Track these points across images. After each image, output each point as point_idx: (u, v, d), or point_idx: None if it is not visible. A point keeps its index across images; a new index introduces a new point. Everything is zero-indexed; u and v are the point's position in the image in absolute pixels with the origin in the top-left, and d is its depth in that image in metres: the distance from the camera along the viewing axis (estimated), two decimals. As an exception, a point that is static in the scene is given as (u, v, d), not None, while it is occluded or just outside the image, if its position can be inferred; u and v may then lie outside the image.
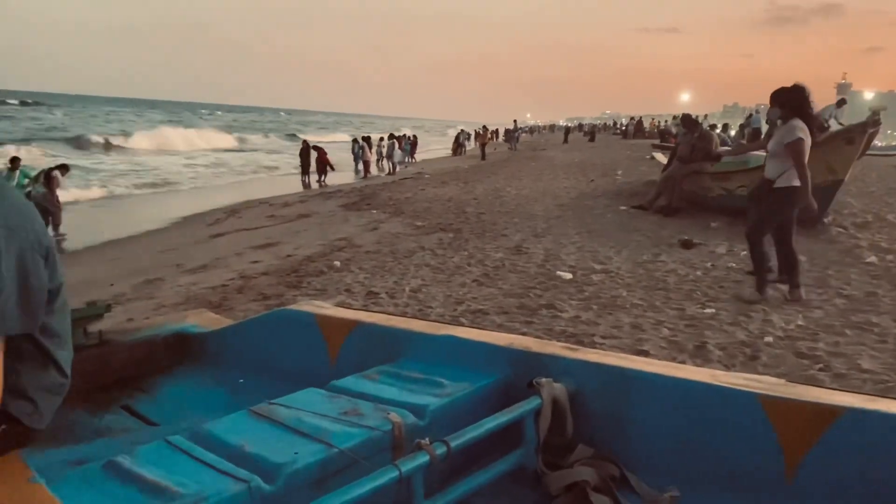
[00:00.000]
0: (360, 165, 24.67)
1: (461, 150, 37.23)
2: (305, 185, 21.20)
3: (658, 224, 9.18)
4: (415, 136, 35.20)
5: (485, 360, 2.35)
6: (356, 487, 1.53)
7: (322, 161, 21.84)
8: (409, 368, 2.40)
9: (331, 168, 21.94)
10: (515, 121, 45.46)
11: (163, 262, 8.50)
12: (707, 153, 9.55)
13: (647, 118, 55.93)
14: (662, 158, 13.10)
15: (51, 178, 11.73)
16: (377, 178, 22.48)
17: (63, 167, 12.49)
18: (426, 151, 38.43)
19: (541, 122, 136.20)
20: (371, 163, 25.17)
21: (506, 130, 45.77)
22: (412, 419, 1.99)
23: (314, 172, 21.80)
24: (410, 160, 30.71)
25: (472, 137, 41.71)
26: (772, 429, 1.83)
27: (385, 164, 26.44)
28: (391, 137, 28.08)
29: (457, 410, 2.11)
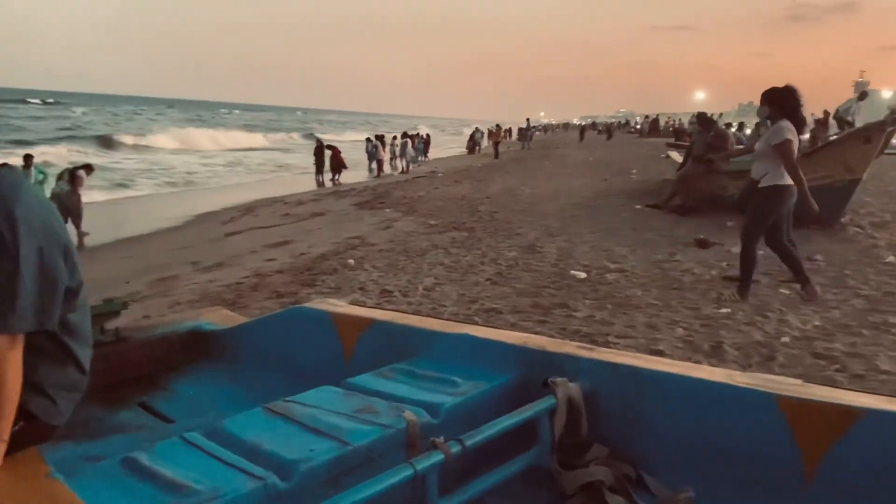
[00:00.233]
0: (374, 164, 24.70)
1: (476, 149, 37.19)
2: (319, 184, 21.25)
3: (673, 223, 9.12)
4: (428, 135, 35.17)
5: (499, 359, 2.35)
6: (371, 485, 1.54)
7: (336, 160, 21.91)
8: (424, 367, 2.40)
9: (344, 167, 22.00)
10: (528, 119, 45.22)
11: (178, 260, 8.56)
12: (723, 151, 9.48)
13: (663, 117, 55.61)
14: (677, 157, 13.02)
15: (75, 178, 11.87)
16: (390, 177, 22.51)
17: (88, 167, 12.66)
18: (441, 150, 38.44)
19: (554, 121, 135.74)
20: (384, 161, 25.20)
21: (519, 129, 45.60)
22: (427, 417, 1.99)
23: (328, 171, 21.89)
24: (423, 159, 30.70)
25: (486, 136, 41.63)
26: (790, 430, 1.82)
27: (398, 163, 26.46)
28: (404, 136, 28.09)
29: (471, 409, 2.11)
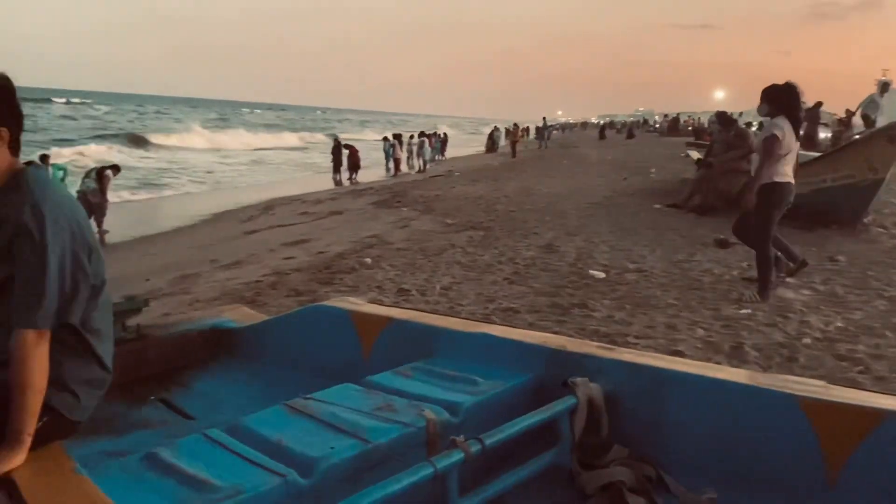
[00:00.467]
0: (391, 163, 24.75)
1: (495, 148, 37.15)
2: (337, 183, 21.33)
3: (693, 223, 9.05)
4: (445, 134, 35.18)
5: (518, 359, 2.35)
6: (392, 483, 1.54)
7: (353, 159, 22.01)
8: (443, 365, 2.40)
9: (359, 166, 22.10)
10: (545, 118, 45.05)
11: (198, 258, 8.62)
12: (743, 151, 9.39)
13: (683, 116, 55.16)
14: (695, 154, 12.92)
15: (103, 177, 12.07)
16: (407, 176, 22.53)
17: (115, 167, 12.87)
18: (459, 149, 38.42)
19: (572, 119, 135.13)
20: (402, 160, 25.24)
21: (537, 128, 45.48)
22: (446, 416, 1.99)
23: (346, 170, 21.97)
24: (441, 158, 30.70)
25: (503, 135, 41.61)
26: (813, 432, 1.80)
27: (415, 162, 26.49)
28: (421, 135, 28.11)
29: (490, 408, 2.10)
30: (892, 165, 7.78)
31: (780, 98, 5.13)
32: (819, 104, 18.26)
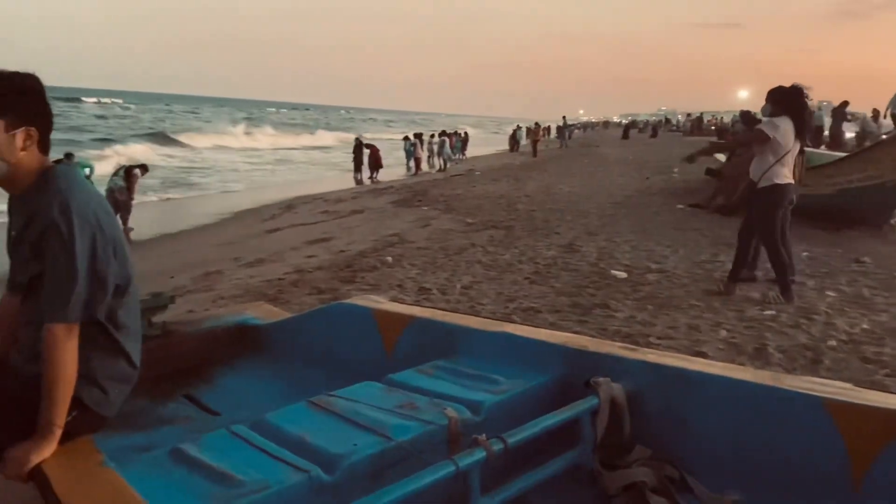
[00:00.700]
0: (412, 162, 24.80)
1: (517, 147, 37.07)
2: (358, 182, 21.42)
3: (716, 223, 8.97)
4: (466, 133, 35.17)
5: (540, 358, 2.34)
6: (415, 480, 1.55)
7: (374, 158, 22.08)
8: (465, 364, 2.40)
9: (380, 165, 22.16)
10: (564, 117, 45.08)
11: (221, 256, 8.70)
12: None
13: (706, 115, 54.68)
14: (721, 157, 12.80)
15: (131, 175, 12.24)
16: (428, 175, 22.55)
17: (143, 167, 13.06)
18: (480, 148, 38.38)
19: (594, 119, 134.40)
20: (422, 160, 25.27)
21: (558, 127, 45.40)
22: (468, 415, 2.00)
23: (367, 169, 22.06)
24: (461, 157, 30.69)
25: (525, 134, 41.57)
26: (838, 434, 1.78)
27: (436, 161, 26.50)
28: (442, 134, 28.13)
29: (512, 408, 2.11)
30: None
31: (784, 99, 5.15)
32: (845, 103, 18.02)
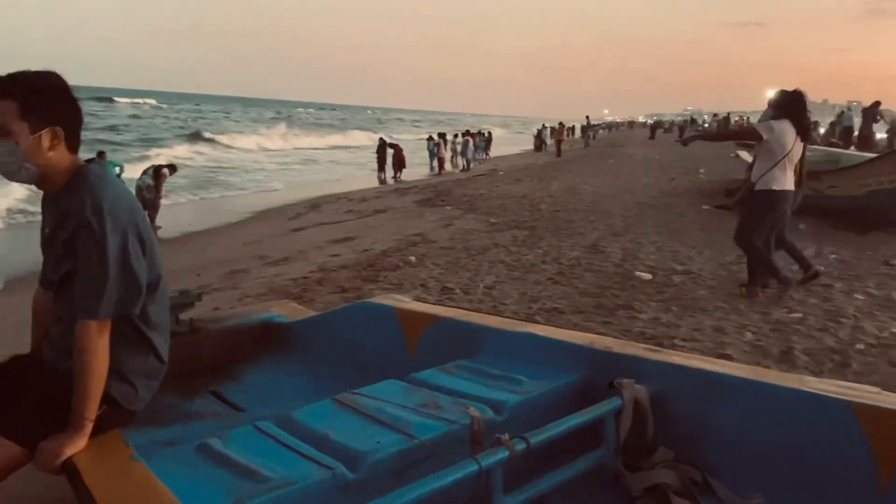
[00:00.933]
0: (435, 162, 24.84)
1: (543, 147, 36.96)
2: (381, 181, 21.50)
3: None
4: (489, 133, 35.14)
5: (564, 359, 2.34)
6: (438, 479, 1.56)
7: (398, 157, 22.16)
8: (488, 364, 2.41)
9: (403, 165, 22.21)
10: (588, 117, 45.07)
11: (247, 254, 8.79)
12: None
13: (733, 115, 54.10)
14: (747, 157, 12.65)
15: (160, 175, 12.44)
16: (451, 175, 22.56)
17: (171, 166, 13.30)
18: (505, 147, 38.30)
19: (619, 119, 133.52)
20: (445, 159, 25.29)
21: (582, 127, 45.31)
22: (491, 414, 2.00)
23: (390, 168, 22.14)
24: (485, 156, 30.67)
25: (549, 134, 41.51)
26: (866, 438, 1.76)
27: (459, 161, 26.50)
28: (466, 134, 28.12)
29: (535, 408, 2.11)
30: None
31: (786, 103, 5.20)
32: (877, 103, 17.69)
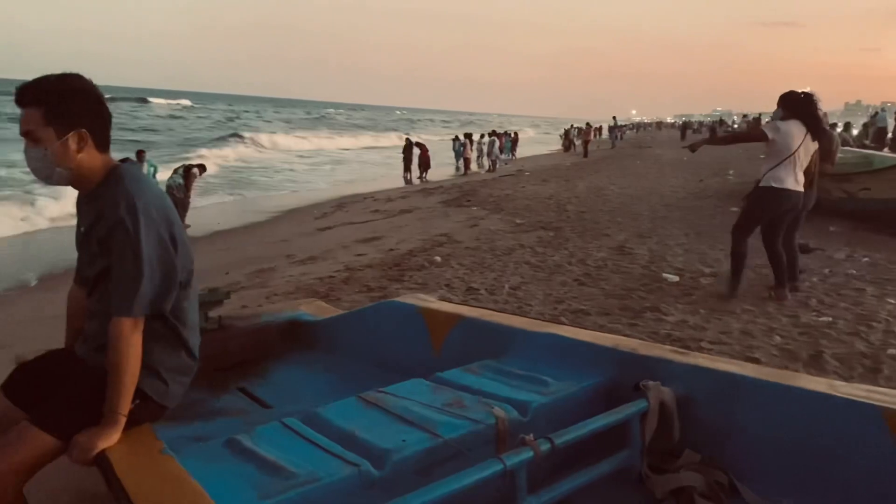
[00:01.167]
0: (461, 162, 24.84)
1: (571, 147, 36.81)
2: (407, 181, 21.55)
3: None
4: (515, 133, 35.06)
5: (589, 361, 2.34)
6: (462, 477, 1.57)
7: (424, 158, 22.20)
8: (512, 365, 2.41)
9: (428, 166, 22.24)
10: (615, 117, 44.95)
11: (274, 253, 8.88)
12: (827, 154, 9.02)
13: (766, 116, 53.39)
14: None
15: (190, 174, 12.65)
16: (477, 175, 22.54)
17: (201, 166, 13.53)
18: (532, 148, 38.19)
19: (647, 119, 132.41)
20: (471, 160, 25.27)
21: (610, 128, 45.18)
22: (515, 415, 2.01)
23: (416, 168, 22.19)
24: (511, 157, 30.60)
25: (577, 134, 41.38)
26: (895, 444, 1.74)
27: (485, 161, 26.48)
28: (492, 134, 28.08)
29: (560, 409, 2.11)
30: None
31: (795, 104, 5.24)
32: (913, 103, 17.34)
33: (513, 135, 33.52)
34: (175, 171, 12.85)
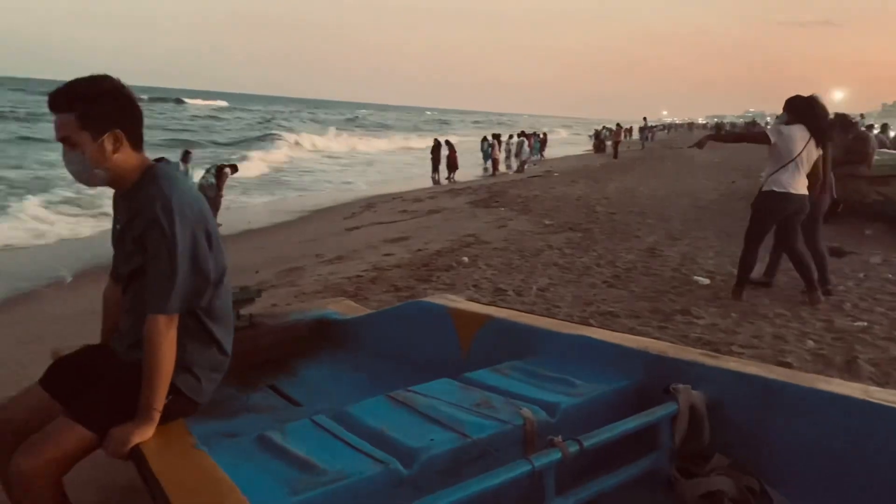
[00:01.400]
0: (489, 163, 24.81)
1: (603, 148, 36.60)
2: (435, 182, 21.58)
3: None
4: (545, 134, 34.94)
5: (618, 363, 2.32)
6: (491, 477, 1.57)
7: (452, 158, 22.21)
8: (541, 366, 2.41)
9: (455, 166, 22.24)
10: (645, 118, 44.80)
11: (303, 252, 8.95)
12: (863, 156, 8.85)
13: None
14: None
15: (222, 174, 12.83)
16: (505, 176, 22.49)
17: (233, 167, 13.72)
18: (562, 148, 38.00)
19: (678, 120, 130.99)
20: (499, 160, 25.23)
21: (640, 128, 44.93)
22: (544, 416, 2.00)
23: (444, 169, 22.22)
24: (540, 158, 30.51)
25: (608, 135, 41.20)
26: None
27: (513, 162, 26.41)
28: (521, 135, 28.02)
29: (588, 411, 2.10)
30: None
31: (798, 108, 5.21)
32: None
33: (541, 135, 33.43)
34: (207, 171, 13.05)
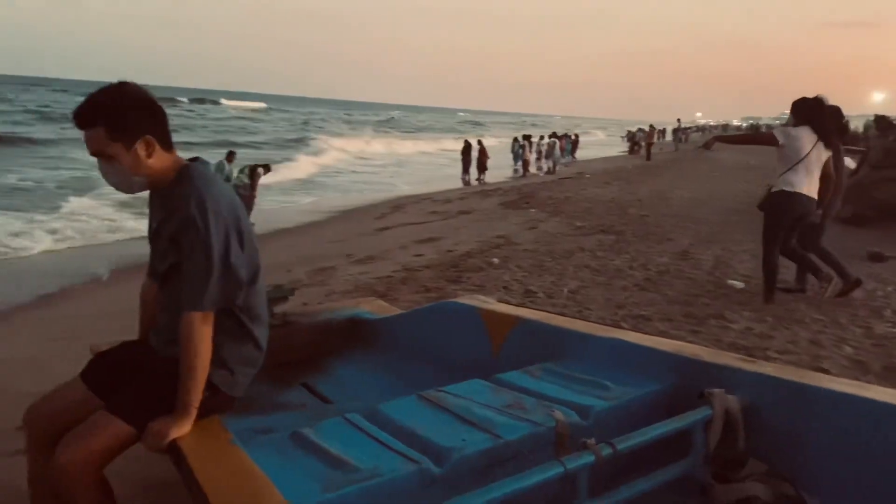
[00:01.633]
0: (519, 164, 24.74)
1: (637, 149, 36.33)
2: (465, 183, 21.57)
3: (842, 234, 8.42)
4: (576, 135, 34.77)
5: (651, 366, 2.30)
6: (523, 478, 1.57)
7: (482, 159, 22.19)
8: (573, 368, 2.40)
9: (485, 167, 22.20)
10: (679, 119, 44.66)
11: (334, 252, 9.01)
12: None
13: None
14: (850, 163, 12.03)
15: (255, 174, 13.02)
16: (536, 177, 22.41)
17: (266, 167, 13.89)
18: (596, 150, 37.79)
19: (712, 122, 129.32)
20: (530, 162, 25.14)
21: (673, 130, 44.58)
22: (576, 419, 2.00)
23: (474, 170, 22.20)
24: (571, 159, 30.34)
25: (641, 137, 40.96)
26: None
27: (544, 163, 26.29)
28: (552, 136, 27.90)
29: (621, 415, 2.08)
30: None
31: (806, 110, 5.21)
32: None
33: (573, 137, 33.27)
34: (241, 171, 13.22)
